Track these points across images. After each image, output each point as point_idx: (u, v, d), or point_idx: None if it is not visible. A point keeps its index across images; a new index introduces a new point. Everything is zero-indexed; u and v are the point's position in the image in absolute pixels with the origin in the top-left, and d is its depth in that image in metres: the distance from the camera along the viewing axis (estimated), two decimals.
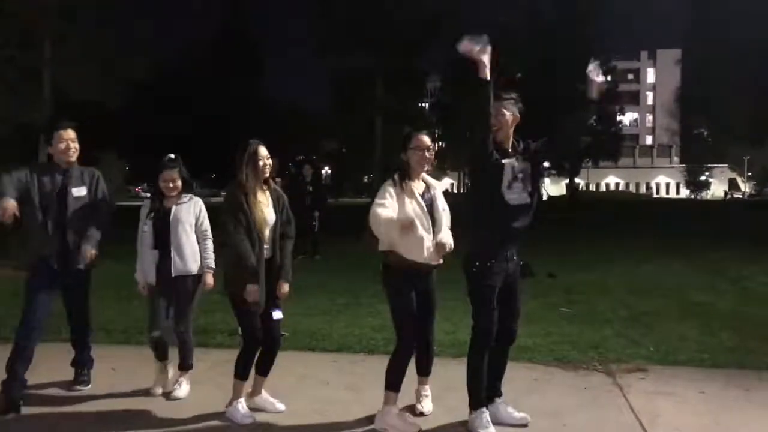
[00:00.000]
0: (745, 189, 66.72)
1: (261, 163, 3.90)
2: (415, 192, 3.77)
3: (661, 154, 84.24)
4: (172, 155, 4.36)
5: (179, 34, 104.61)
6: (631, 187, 77.53)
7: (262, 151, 3.92)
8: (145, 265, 4.25)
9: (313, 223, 11.50)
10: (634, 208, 35.30)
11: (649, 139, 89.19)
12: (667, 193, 77.85)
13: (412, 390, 4.02)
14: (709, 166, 69.46)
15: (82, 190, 4.22)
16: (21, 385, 4.09)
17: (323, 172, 39.72)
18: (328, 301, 7.46)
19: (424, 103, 45.62)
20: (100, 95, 20.37)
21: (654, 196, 71.00)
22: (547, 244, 11.05)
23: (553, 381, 4.69)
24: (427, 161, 3.83)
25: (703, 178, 71.31)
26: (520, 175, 3.68)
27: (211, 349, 5.38)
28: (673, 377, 4.74)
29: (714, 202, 52.13)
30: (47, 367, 4.50)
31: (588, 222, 23.20)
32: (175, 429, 3.82)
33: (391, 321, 3.89)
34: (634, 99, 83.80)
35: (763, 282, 8.97)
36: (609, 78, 41.48)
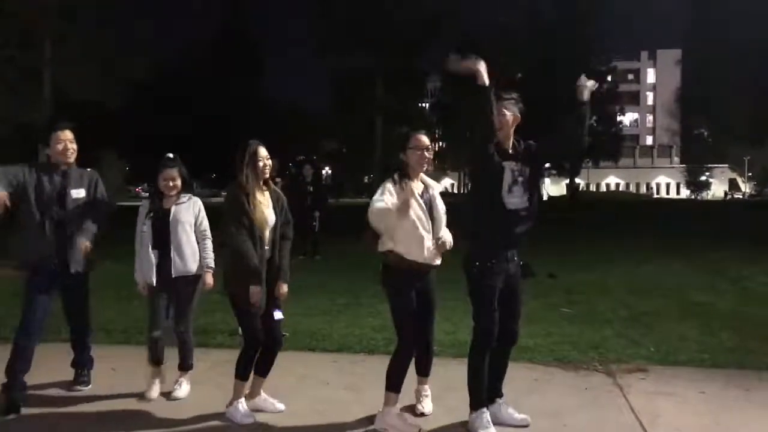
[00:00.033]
0: (746, 189, 66.71)
1: (261, 163, 3.90)
2: (414, 192, 3.77)
3: (661, 155, 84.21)
4: (170, 155, 4.37)
5: (179, 34, 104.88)
6: (632, 188, 77.51)
7: (262, 151, 3.92)
8: (144, 266, 4.24)
9: (313, 223, 11.51)
10: (634, 209, 35.28)
11: (649, 140, 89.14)
12: (667, 193, 77.80)
13: (411, 390, 4.02)
14: (709, 166, 69.42)
15: (81, 192, 4.22)
16: (21, 386, 4.09)
17: (323, 172, 39.77)
18: (329, 302, 7.46)
19: (424, 103, 45.65)
20: (100, 95, 20.42)
21: (654, 196, 70.89)
22: (548, 244, 11.03)
23: (553, 381, 4.69)
24: (425, 161, 3.82)
25: (703, 178, 71.27)
26: (520, 178, 3.68)
27: (211, 349, 5.38)
28: (673, 377, 4.74)
29: (714, 203, 52.15)
30: (47, 368, 4.49)
31: (588, 222, 23.20)
32: (175, 429, 3.81)
33: (391, 321, 3.89)
34: (634, 99, 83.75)
35: (763, 282, 8.97)
36: (609, 78, 41.76)
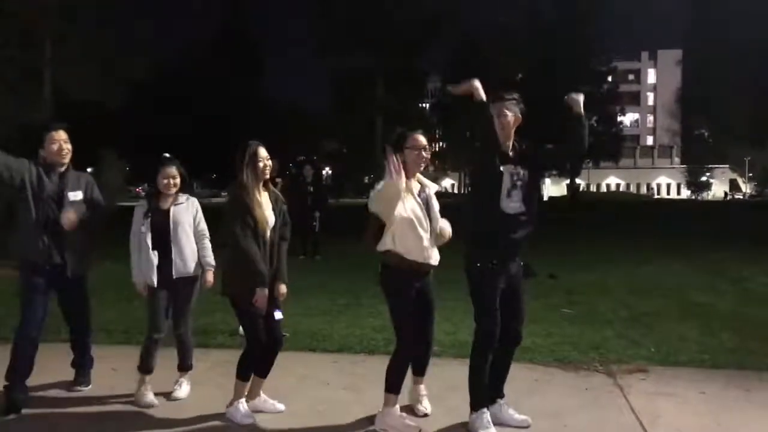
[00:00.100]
0: (746, 190, 66.69)
1: (261, 164, 3.89)
2: (413, 191, 3.77)
3: (661, 155, 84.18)
4: (167, 155, 4.36)
5: (179, 34, 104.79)
6: (632, 188, 77.45)
7: (262, 152, 3.91)
8: (145, 266, 4.21)
9: (313, 223, 11.52)
10: (634, 209, 35.28)
11: (649, 140, 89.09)
12: (668, 193, 77.78)
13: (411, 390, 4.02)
14: (709, 166, 69.36)
15: (78, 194, 4.21)
16: (21, 386, 4.09)
17: (324, 172, 39.76)
18: (329, 302, 7.45)
19: (424, 104, 45.68)
20: (100, 95, 20.41)
21: (655, 196, 70.87)
22: (548, 244, 11.03)
23: (553, 382, 4.69)
24: (423, 160, 3.81)
25: (703, 178, 71.21)
26: (519, 183, 3.67)
27: (211, 350, 5.38)
28: (673, 378, 4.74)
29: (714, 203, 52.14)
30: (47, 368, 4.49)
31: (588, 222, 23.20)
32: (175, 429, 3.81)
33: (391, 321, 3.89)
34: (634, 100, 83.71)
35: (763, 282, 8.96)
36: (609, 78, 41.74)
